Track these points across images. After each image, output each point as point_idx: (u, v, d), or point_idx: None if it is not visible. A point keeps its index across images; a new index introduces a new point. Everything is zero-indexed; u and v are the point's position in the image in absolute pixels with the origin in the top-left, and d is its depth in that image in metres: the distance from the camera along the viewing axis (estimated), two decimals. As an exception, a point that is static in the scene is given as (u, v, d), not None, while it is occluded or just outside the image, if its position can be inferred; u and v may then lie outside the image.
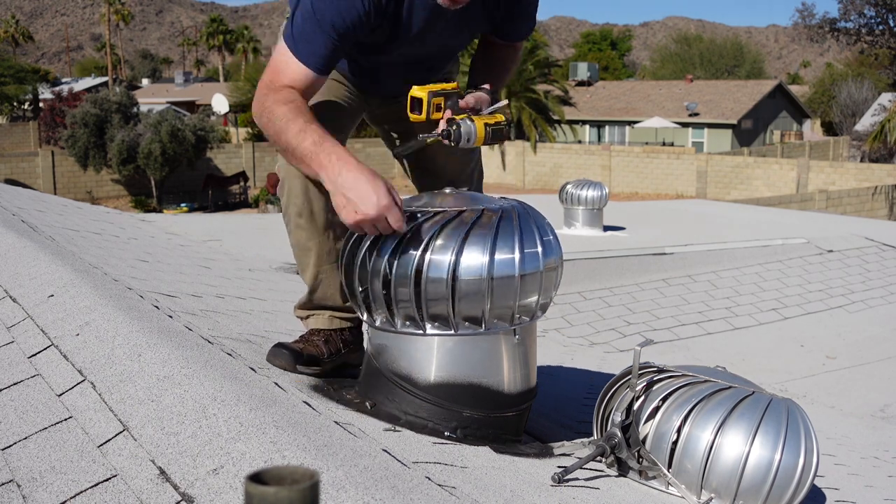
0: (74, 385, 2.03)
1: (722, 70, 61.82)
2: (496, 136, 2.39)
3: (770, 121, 44.18)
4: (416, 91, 2.36)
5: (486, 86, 2.53)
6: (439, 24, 2.36)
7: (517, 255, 2.14)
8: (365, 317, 2.27)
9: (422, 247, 2.11)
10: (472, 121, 2.36)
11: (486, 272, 2.10)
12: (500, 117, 2.44)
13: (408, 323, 2.17)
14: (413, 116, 2.39)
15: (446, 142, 2.35)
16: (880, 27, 49.58)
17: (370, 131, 40.30)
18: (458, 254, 2.10)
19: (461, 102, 2.41)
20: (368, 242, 2.18)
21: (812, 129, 50.34)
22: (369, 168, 2.08)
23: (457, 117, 2.37)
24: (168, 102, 45.98)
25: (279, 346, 2.49)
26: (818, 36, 52.05)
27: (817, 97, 51.41)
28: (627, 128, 43.06)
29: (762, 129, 43.58)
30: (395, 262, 2.12)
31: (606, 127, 43.77)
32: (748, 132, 41.92)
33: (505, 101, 2.54)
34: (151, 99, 49.79)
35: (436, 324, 2.16)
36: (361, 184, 2.03)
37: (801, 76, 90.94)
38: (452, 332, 2.16)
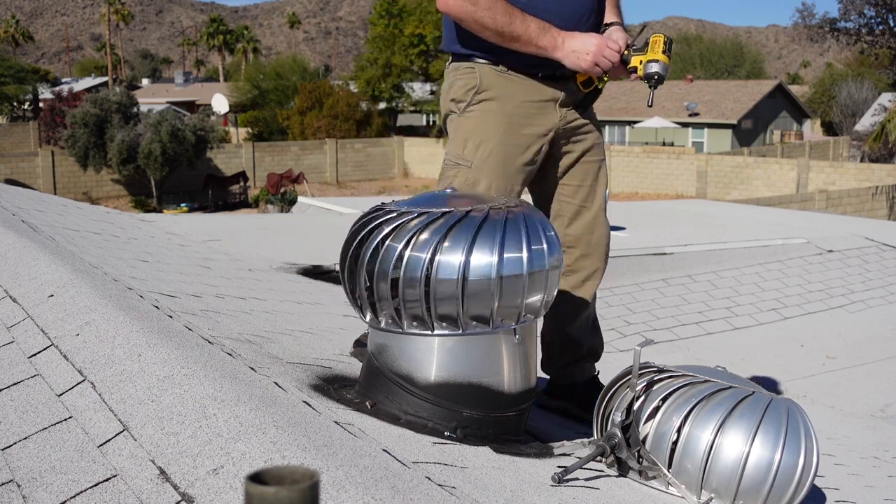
0: (74, 385, 2.03)
1: (722, 70, 61.82)
2: (671, 53, 2.70)
3: (770, 121, 44.18)
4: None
5: (615, 20, 2.91)
6: None
7: (525, 254, 2.15)
8: (367, 318, 2.27)
9: (431, 248, 2.11)
10: (657, 60, 2.64)
11: (496, 271, 2.11)
12: (660, 38, 2.67)
13: (415, 323, 2.17)
14: (587, 89, 2.78)
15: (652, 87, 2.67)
16: (880, 27, 49.55)
17: (370, 131, 40.33)
18: (468, 254, 2.11)
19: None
20: (375, 243, 2.18)
21: (812, 129, 50.34)
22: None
23: (640, 64, 2.66)
24: (168, 102, 45.97)
25: None
26: (818, 36, 52.02)
27: (817, 97, 51.41)
28: (627, 128, 43.06)
29: (762, 129, 43.58)
30: (404, 263, 2.12)
31: (606, 127, 43.76)
32: (748, 132, 41.92)
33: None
34: (151, 99, 49.79)
35: (444, 324, 2.16)
36: (579, 38, 2.63)
37: (801, 76, 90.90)
38: (460, 331, 2.16)
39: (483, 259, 2.12)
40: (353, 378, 2.51)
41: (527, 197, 2.90)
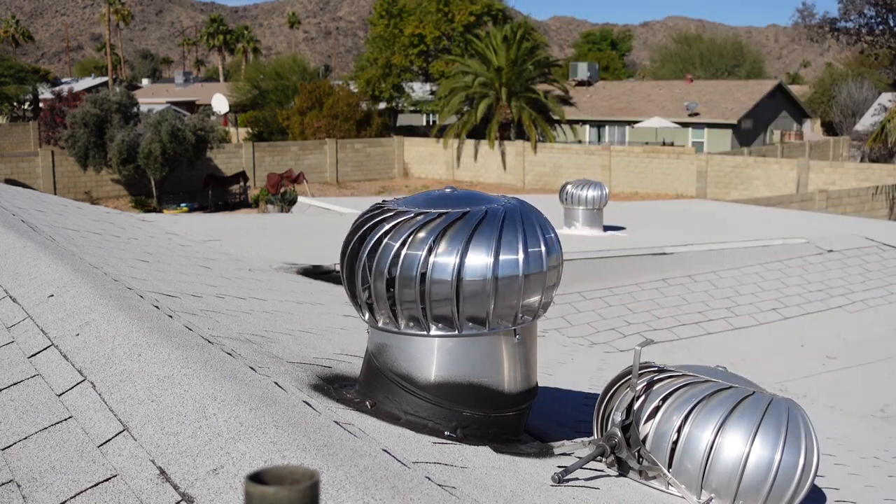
0: (74, 385, 2.03)
1: (722, 70, 61.80)
2: None
3: (770, 121, 44.15)
4: None
5: None
6: None
7: (521, 256, 2.15)
8: (366, 317, 2.27)
9: (426, 248, 2.11)
10: None
11: (491, 273, 2.11)
12: None
13: (411, 324, 2.17)
14: None
15: None
16: (880, 27, 49.53)
17: (370, 131, 40.35)
18: (463, 255, 2.10)
19: None
20: (372, 243, 2.18)
21: (812, 129, 50.32)
22: None
23: None
24: (168, 102, 45.97)
25: None
26: (818, 36, 51.98)
27: (817, 97, 51.39)
28: (627, 128, 43.04)
29: (762, 129, 43.55)
30: (400, 264, 2.12)
31: (606, 127, 43.75)
32: (748, 132, 41.90)
33: None
34: (151, 99, 49.79)
35: (440, 325, 2.16)
36: None
37: (801, 76, 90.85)
38: (456, 332, 2.16)
39: (478, 260, 2.12)
40: (353, 378, 2.51)
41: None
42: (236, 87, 49.02)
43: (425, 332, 2.17)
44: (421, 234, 2.14)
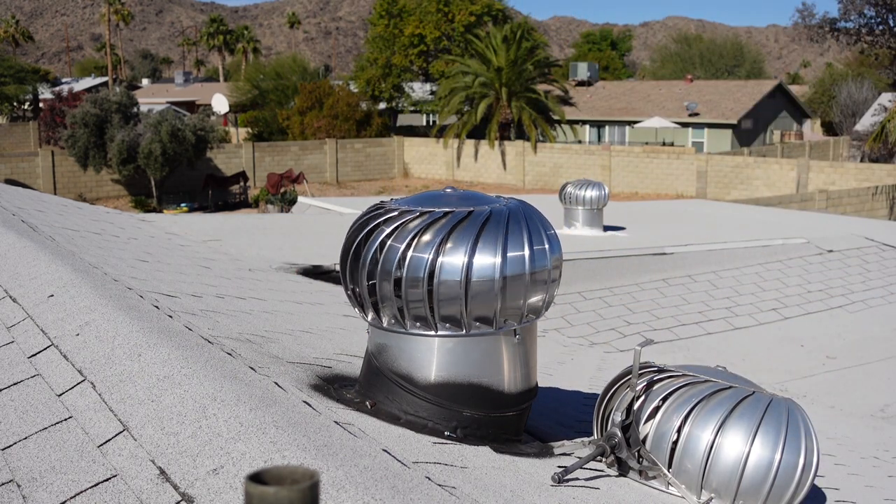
0: (74, 385, 2.03)
1: (722, 70, 61.79)
2: None
3: (770, 121, 44.16)
4: None
5: None
6: None
7: (527, 253, 2.15)
8: (369, 318, 2.27)
9: (433, 248, 2.11)
10: None
11: (499, 272, 2.11)
12: None
13: (418, 324, 2.17)
14: None
15: None
16: (880, 27, 49.55)
17: (370, 131, 40.36)
18: (471, 255, 2.11)
19: None
20: (377, 243, 2.17)
21: (812, 129, 50.32)
22: None
23: None
24: (168, 102, 45.98)
25: None
26: (818, 36, 51.99)
27: (817, 97, 51.41)
28: (627, 128, 43.05)
29: (762, 129, 43.57)
30: (407, 264, 2.12)
31: (606, 127, 43.76)
32: (748, 132, 41.91)
33: None
34: (151, 99, 49.80)
35: (447, 325, 2.16)
36: None
37: (801, 76, 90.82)
38: (463, 332, 2.16)
39: (486, 260, 2.12)
40: (353, 378, 2.51)
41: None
42: (236, 87, 49.03)
43: (432, 332, 2.17)
44: (427, 234, 2.15)
